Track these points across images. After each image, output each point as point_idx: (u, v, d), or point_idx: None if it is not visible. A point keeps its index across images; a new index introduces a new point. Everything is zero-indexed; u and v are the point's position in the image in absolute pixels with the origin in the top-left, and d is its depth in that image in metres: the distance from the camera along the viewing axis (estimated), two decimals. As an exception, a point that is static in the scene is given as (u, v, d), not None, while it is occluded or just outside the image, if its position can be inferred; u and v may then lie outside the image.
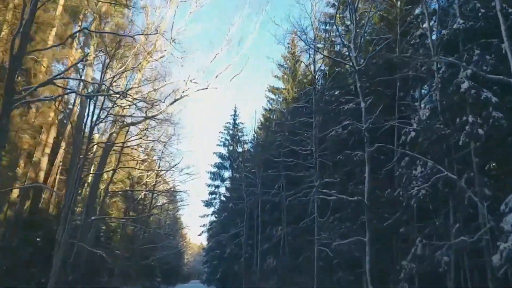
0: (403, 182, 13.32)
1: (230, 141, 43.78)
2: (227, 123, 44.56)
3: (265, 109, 36.02)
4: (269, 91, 35.73)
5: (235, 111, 44.57)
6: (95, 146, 27.16)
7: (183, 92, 21.35)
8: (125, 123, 21.06)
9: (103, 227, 32.68)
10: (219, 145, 43.86)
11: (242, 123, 43.88)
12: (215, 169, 43.63)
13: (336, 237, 18.94)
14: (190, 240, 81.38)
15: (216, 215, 43.70)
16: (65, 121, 22.97)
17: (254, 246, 33.91)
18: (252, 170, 36.07)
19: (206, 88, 21.82)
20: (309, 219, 22.33)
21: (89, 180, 24.70)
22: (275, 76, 34.70)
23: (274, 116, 35.35)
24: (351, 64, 16.97)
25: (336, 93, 21.23)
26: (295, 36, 32.55)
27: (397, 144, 17.06)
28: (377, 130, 17.46)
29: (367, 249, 14.98)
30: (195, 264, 79.64)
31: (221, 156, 43.51)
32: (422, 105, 15.50)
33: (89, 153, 21.23)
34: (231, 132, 44.02)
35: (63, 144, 25.34)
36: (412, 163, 13.53)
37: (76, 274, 21.00)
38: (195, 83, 21.71)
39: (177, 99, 21.49)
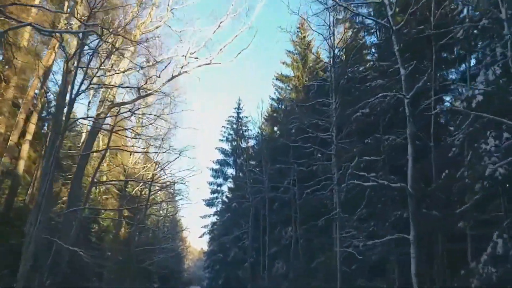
0: (468, 161, 10.23)
1: (233, 136, 40.71)
2: (230, 116, 41.57)
3: (273, 99, 33.04)
4: (277, 79, 32.77)
5: (239, 104, 41.58)
6: (83, 134, 24.25)
7: (181, 67, 18.44)
8: (114, 102, 18.08)
9: (95, 226, 29.55)
10: (222, 140, 40.83)
11: (247, 117, 40.87)
12: (217, 166, 40.53)
13: (365, 236, 15.89)
14: (191, 244, 78.20)
15: (218, 216, 40.54)
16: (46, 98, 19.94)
17: (260, 249, 30.79)
18: (257, 169, 32.90)
19: (209, 64, 18.91)
20: (328, 217, 19.17)
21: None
22: (283, 63, 31.79)
23: (283, 106, 32.37)
24: (387, 24, 13.93)
25: (361, 68, 18.19)
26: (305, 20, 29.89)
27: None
28: (417, 106, 14.47)
29: (412, 250, 11.87)
30: (196, 270, 76.16)
31: (223, 152, 40.39)
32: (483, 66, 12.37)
33: (69, 132, 18.38)
34: (234, 126, 40.97)
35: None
36: (476, 138, 10.46)
37: (56, 277, 17.91)
38: (195, 58, 18.83)
39: (175, 76, 18.57)
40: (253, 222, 32.27)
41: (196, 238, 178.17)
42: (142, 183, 28.09)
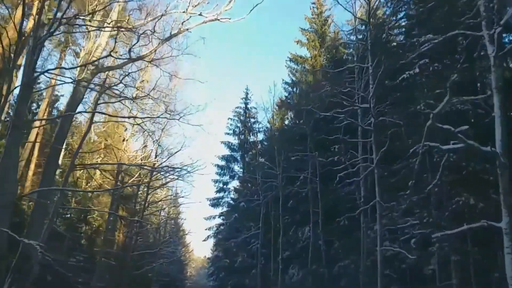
0: None
1: (241, 129, 37.12)
2: (237, 107, 37.97)
3: (286, 82, 29.40)
4: (290, 60, 29.26)
5: (247, 94, 37.98)
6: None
7: (182, 23, 15.00)
8: (100, 66, 14.64)
9: (85, 227, 25.82)
10: (228, 133, 37.20)
11: (255, 108, 37.28)
12: (223, 162, 36.85)
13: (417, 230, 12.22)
14: (193, 251, 74.19)
15: (224, 217, 36.77)
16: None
17: (271, 254, 27.11)
18: (266, 167, 29.11)
19: (216, 20, 15.42)
20: (364, 207, 15.47)
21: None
22: (297, 42, 28.40)
23: (298, 90, 28.81)
24: None
25: (403, 23, 14.64)
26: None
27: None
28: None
29: (506, 242, 8.22)
30: (199, 278, 71.96)
31: (230, 146, 36.72)
32: None
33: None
34: (242, 118, 37.41)
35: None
36: None
37: (23, 284, 14.37)
38: (199, 14, 15.38)
39: (174, 35, 15.09)
40: (264, 223, 28.64)
41: (199, 246, 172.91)
42: (138, 176, 24.47)
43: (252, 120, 37.42)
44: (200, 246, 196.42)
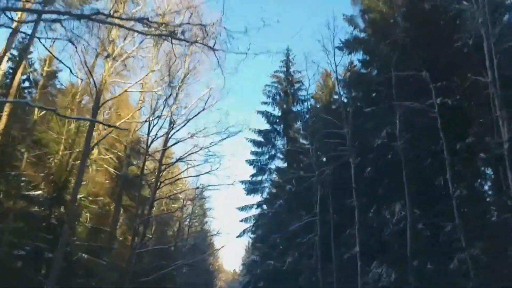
0: None
1: (282, 96, 29.18)
2: (276, 72, 29.77)
3: (348, 18, 21.15)
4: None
5: (288, 55, 29.84)
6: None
7: None
8: None
9: (57, 209, 17.23)
10: (266, 103, 29.09)
11: (299, 72, 29.28)
12: (260, 138, 28.84)
13: None
14: (223, 264, 66.27)
15: (263, 209, 28.65)
16: None
17: (331, 250, 19.07)
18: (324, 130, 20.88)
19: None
20: None
21: None
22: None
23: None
24: None
25: None
26: None
27: None
28: None
29: None
30: (229, 291, 63.60)
31: (268, 117, 28.69)
32: None
33: None
34: (284, 83, 29.44)
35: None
36: None
37: None
38: None
39: None
40: (321, 208, 20.63)
41: (228, 260, 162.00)
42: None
43: (296, 85, 29.48)
44: (229, 260, 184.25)
